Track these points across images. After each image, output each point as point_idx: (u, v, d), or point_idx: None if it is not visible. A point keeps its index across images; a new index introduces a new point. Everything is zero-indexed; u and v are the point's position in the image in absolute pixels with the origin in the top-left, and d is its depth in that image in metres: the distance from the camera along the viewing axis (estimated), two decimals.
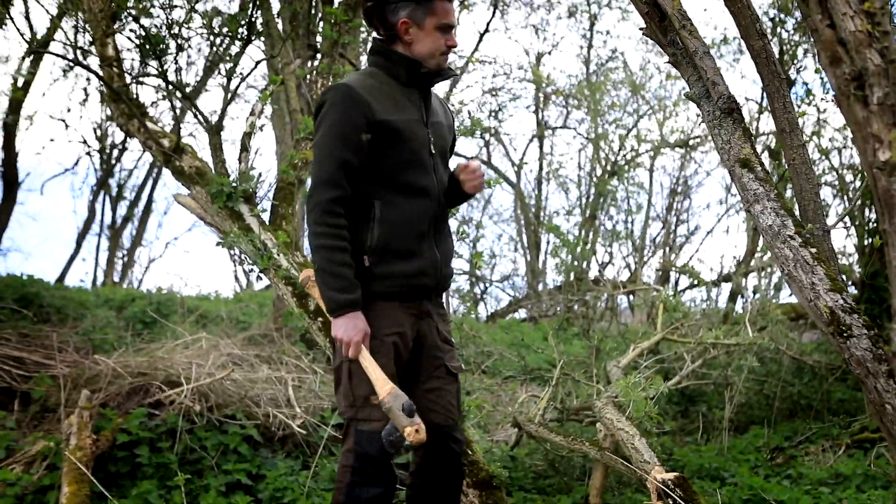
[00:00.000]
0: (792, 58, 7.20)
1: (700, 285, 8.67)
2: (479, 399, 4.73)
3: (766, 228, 2.62)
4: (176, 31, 4.68)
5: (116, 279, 14.31)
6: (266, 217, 4.15)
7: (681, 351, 5.06)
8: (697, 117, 12.01)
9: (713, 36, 8.80)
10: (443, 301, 2.76)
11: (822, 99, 6.55)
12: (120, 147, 13.38)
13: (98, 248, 14.23)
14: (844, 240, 7.90)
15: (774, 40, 7.04)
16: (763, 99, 8.35)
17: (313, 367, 5.11)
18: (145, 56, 4.44)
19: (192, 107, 4.59)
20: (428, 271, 2.57)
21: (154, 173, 14.01)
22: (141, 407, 4.21)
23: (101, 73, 4.61)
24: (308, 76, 5.09)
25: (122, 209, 14.30)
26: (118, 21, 4.58)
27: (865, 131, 2.21)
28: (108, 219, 14.27)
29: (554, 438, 3.87)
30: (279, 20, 5.99)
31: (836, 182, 6.88)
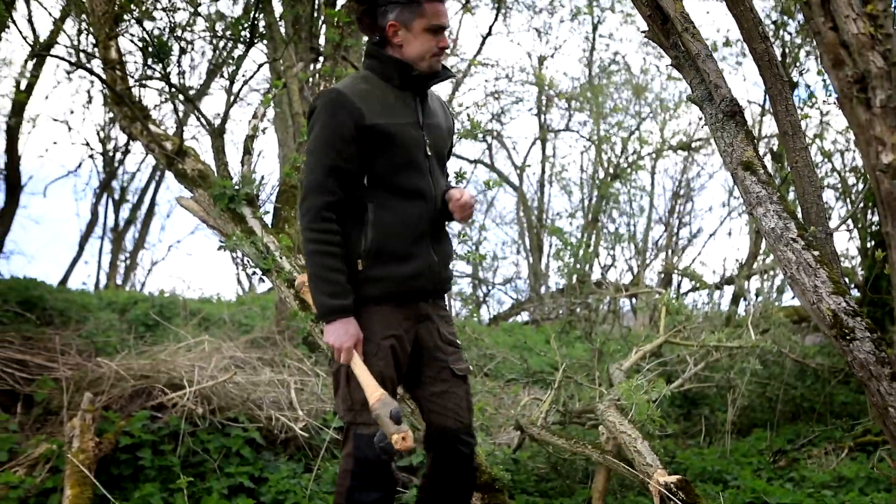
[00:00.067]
0: (794, 60, 7.20)
1: (702, 288, 8.68)
2: (482, 402, 4.73)
3: (769, 231, 2.61)
4: (179, 34, 4.68)
5: (119, 282, 14.30)
6: (269, 220, 4.15)
7: (683, 354, 5.05)
8: (700, 120, 12.00)
9: (716, 38, 8.76)
10: (445, 303, 2.75)
11: (825, 101, 6.56)
12: (123, 150, 13.37)
13: (101, 251, 14.23)
14: (847, 242, 7.90)
15: (777, 43, 7.05)
16: (765, 102, 8.36)
17: (315, 370, 5.10)
18: (148, 59, 4.44)
19: (195, 110, 4.59)
20: (424, 274, 2.56)
21: (157, 176, 14.00)
22: (143, 410, 4.21)
23: (104, 76, 4.61)
24: (310, 79, 5.09)
25: (125, 212, 14.28)
26: (121, 24, 4.58)
27: (868, 134, 2.21)
28: (111, 221, 14.26)
29: (556, 441, 3.87)
30: (282, 23, 6.00)
31: (839, 185, 6.88)
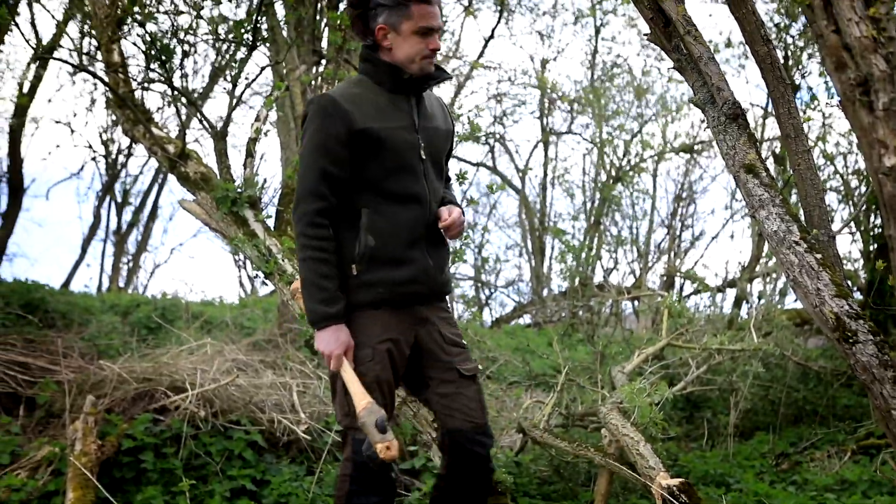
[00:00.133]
0: (797, 63, 7.20)
1: (705, 291, 8.66)
2: None
3: (772, 234, 2.61)
4: (182, 37, 4.69)
5: (121, 285, 14.30)
6: (271, 223, 4.15)
7: (686, 357, 5.04)
8: (702, 122, 11.99)
9: (718, 41, 8.75)
10: (446, 305, 2.72)
11: (827, 104, 6.55)
12: (125, 153, 13.38)
13: (103, 254, 14.24)
14: (850, 245, 7.88)
15: (779, 46, 7.04)
16: (768, 104, 8.34)
17: (318, 373, 5.09)
18: (151, 62, 4.45)
19: (198, 112, 4.59)
20: (419, 279, 2.54)
21: (159, 179, 14.01)
22: (146, 412, 4.21)
23: (107, 79, 4.62)
24: (313, 82, 5.10)
25: (128, 215, 14.30)
26: (124, 27, 4.59)
27: (871, 136, 2.21)
28: (114, 224, 14.27)
29: (559, 444, 3.86)
30: (284, 26, 6.01)
31: (842, 187, 6.87)
